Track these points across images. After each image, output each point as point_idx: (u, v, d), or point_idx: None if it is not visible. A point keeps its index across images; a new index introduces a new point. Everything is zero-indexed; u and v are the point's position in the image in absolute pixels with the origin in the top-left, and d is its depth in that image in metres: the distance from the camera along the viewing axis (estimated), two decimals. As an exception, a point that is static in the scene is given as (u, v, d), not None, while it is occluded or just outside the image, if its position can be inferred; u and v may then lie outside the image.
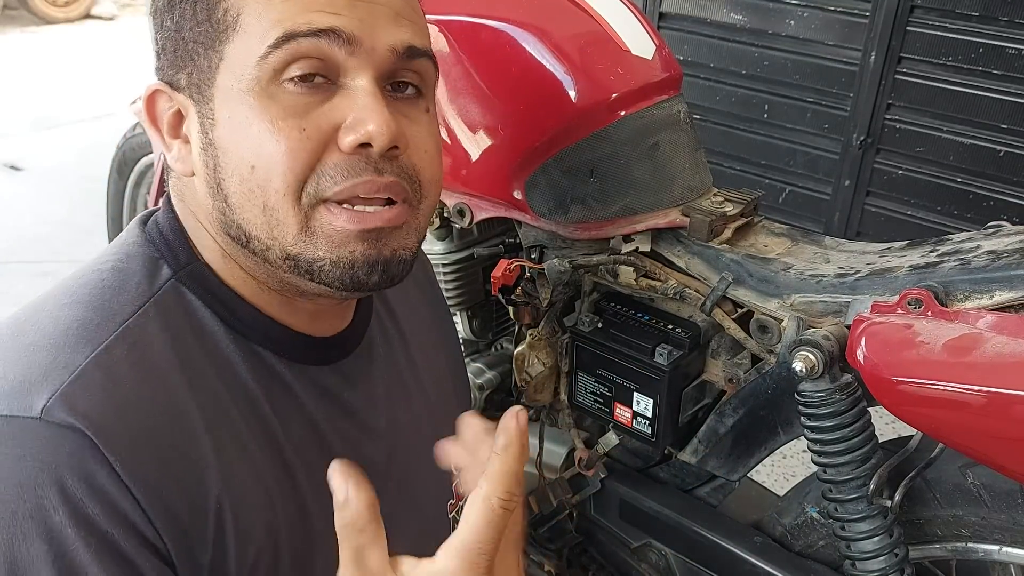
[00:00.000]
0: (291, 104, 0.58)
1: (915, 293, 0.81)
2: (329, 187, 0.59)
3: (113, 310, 0.60)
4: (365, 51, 0.59)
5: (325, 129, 0.59)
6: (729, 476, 1.06)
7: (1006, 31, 2.21)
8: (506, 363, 1.25)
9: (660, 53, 1.09)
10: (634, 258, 1.03)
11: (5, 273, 2.78)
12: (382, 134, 0.58)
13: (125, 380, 0.57)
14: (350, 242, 0.60)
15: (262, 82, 0.58)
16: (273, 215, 0.59)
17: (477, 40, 1.05)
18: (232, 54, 0.59)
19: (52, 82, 5.03)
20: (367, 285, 0.61)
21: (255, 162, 0.58)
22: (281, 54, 0.57)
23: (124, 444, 0.55)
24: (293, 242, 0.60)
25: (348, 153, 0.59)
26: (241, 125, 0.58)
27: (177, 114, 0.63)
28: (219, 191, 0.61)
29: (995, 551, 0.89)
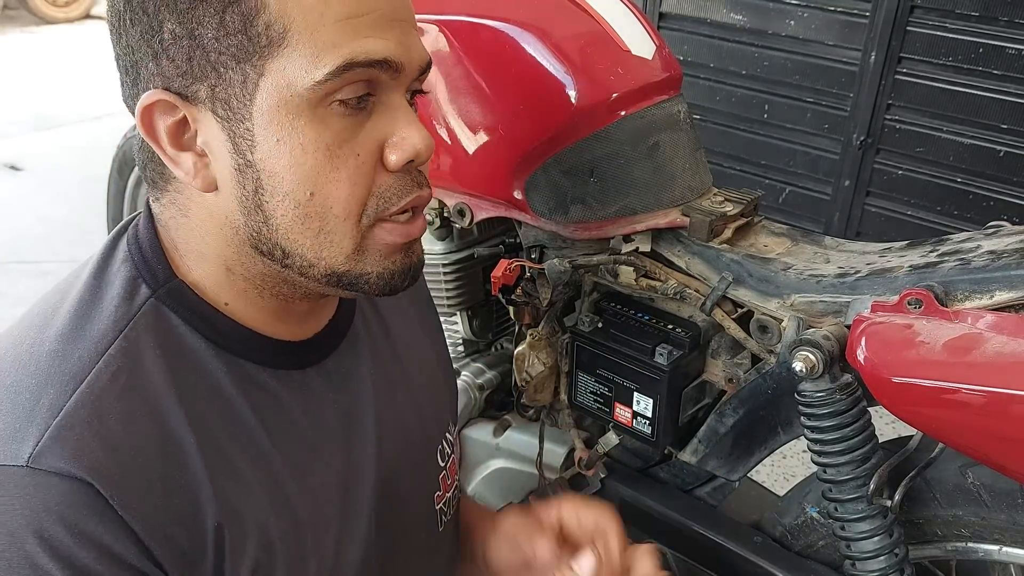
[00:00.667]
0: (342, 128, 0.58)
1: (915, 293, 0.81)
2: (387, 208, 0.61)
3: (93, 338, 0.59)
4: (407, 73, 0.61)
5: (374, 151, 0.60)
6: (729, 476, 1.06)
7: (1006, 31, 2.21)
8: (506, 363, 1.25)
9: (660, 53, 1.09)
10: (634, 258, 1.03)
11: (5, 273, 2.78)
12: (428, 148, 0.61)
13: (112, 413, 0.56)
14: (394, 253, 0.63)
15: (312, 104, 0.57)
16: (328, 237, 0.60)
17: (477, 40, 1.05)
18: (277, 72, 0.56)
19: (52, 82, 5.03)
20: (399, 289, 0.65)
21: (314, 189, 0.58)
22: (339, 81, 0.57)
23: (119, 481, 0.54)
24: (344, 261, 0.61)
25: (395, 171, 0.61)
26: (294, 151, 0.58)
27: (181, 124, 0.59)
28: (258, 211, 0.60)
29: (995, 551, 0.89)
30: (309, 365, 0.70)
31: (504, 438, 1.24)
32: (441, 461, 0.83)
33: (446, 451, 0.84)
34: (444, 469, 0.83)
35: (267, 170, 0.58)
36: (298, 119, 0.57)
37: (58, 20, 6.54)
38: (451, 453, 0.85)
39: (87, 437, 0.55)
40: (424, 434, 0.81)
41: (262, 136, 0.57)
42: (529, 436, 1.22)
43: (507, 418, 1.26)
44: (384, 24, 0.58)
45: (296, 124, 0.57)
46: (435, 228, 1.17)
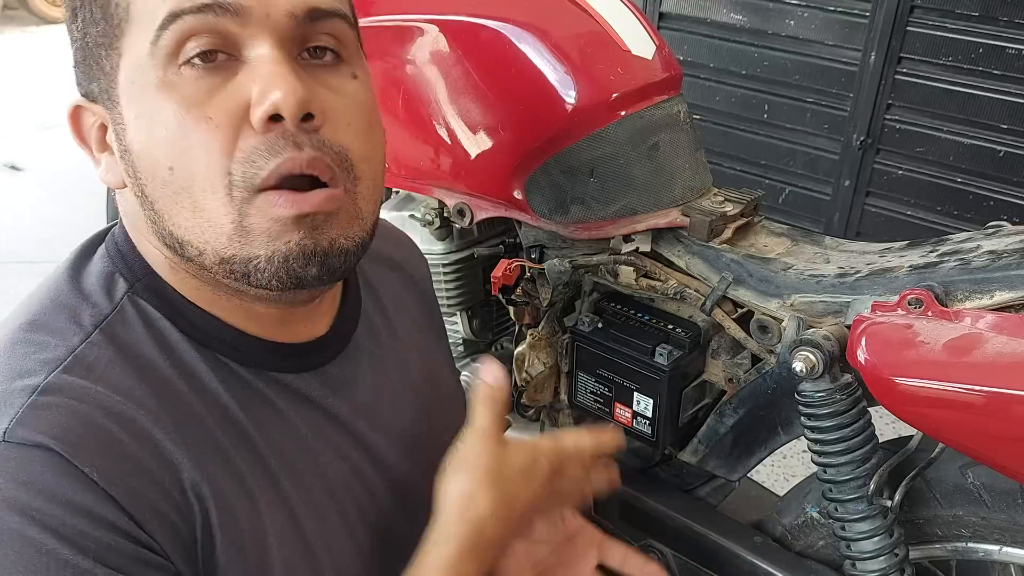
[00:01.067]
0: (192, 91, 0.54)
1: (915, 293, 0.81)
2: (254, 173, 0.55)
3: (72, 331, 0.58)
4: (258, 19, 0.55)
5: (233, 111, 0.54)
6: (729, 476, 1.06)
7: (1006, 31, 2.21)
8: (506, 363, 1.25)
9: (660, 53, 1.09)
10: (634, 258, 1.03)
11: (5, 273, 2.78)
12: (288, 102, 0.53)
13: (88, 397, 0.55)
14: (286, 232, 0.56)
15: (159, 70, 0.54)
16: (203, 215, 0.56)
17: (477, 40, 1.05)
18: (127, 47, 0.56)
19: (52, 82, 5.02)
20: (304, 280, 0.57)
21: (171, 162, 0.55)
22: (170, 35, 0.54)
23: (96, 454, 0.53)
24: (227, 243, 0.56)
25: (263, 132, 0.55)
26: (148, 124, 0.55)
27: (102, 127, 0.60)
28: (145, 199, 0.58)
29: (995, 551, 0.89)
30: (304, 370, 0.68)
31: (504, 438, 1.24)
32: None
33: None
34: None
35: (136, 151, 0.57)
36: (147, 90, 0.55)
37: (58, 20, 6.53)
38: None
39: (62, 413, 0.54)
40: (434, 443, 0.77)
41: (127, 117, 0.57)
42: (529, 436, 1.22)
43: (507, 418, 1.26)
44: None
45: (146, 96, 0.55)
46: (435, 228, 1.17)
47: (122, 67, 0.56)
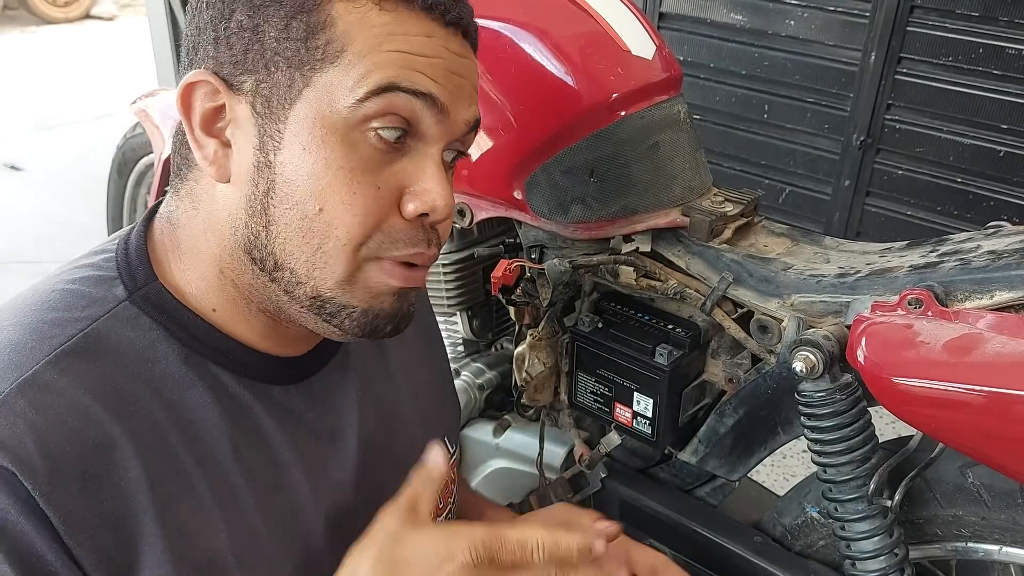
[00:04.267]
0: (370, 157, 0.59)
1: (915, 293, 0.81)
2: (389, 250, 0.61)
3: (52, 334, 0.58)
4: (451, 122, 0.61)
5: (393, 191, 0.60)
6: (729, 476, 1.06)
7: (1006, 31, 2.21)
8: (506, 363, 1.25)
9: (660, 53, 1.09)
10: (634, 258, 1.03)
11: (5, 273, 2.78)
12: (443, 209, 0.61)
13: (51, 406, 0.55)
14: (384, 295, 0.62)
15: (348, 124, 0.58)
16: (323, 258, 0.60)
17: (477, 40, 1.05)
18: (322, 85, 0.58)
19: (52, 82, 5.03)
20: (381, 334, 0.64)
21: (324, 206, 0.58)
22: (378, 102, 0.57)
23: (43, 472, 0.53)
24: (332, 286, 0.61)
25: (408, 219, 0.61)
26: (316, 164, 0.58)
27: (218, 110, 0.60)
28: (262, 214, 0.59)
29: (995, 551, 0.89)
30: (291, 382, 0.68)
31: (504, 438, 1.24)
32: None
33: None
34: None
35: (284, 175, 0.58)
36: (331, 136, 0.58)
37: (58, 20, 6.55)
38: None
39: (18, 424, 0.53)
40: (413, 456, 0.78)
41: (290, 141, 0.58)
42: (529, 436, 1.22)
43: (507, 418, 1.26)
44: (440, 71, 0.59)
45: (327, 140, 0.58)
46: (435, 228, 1.17)
47: (306, 97, 0.58)
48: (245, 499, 0.63)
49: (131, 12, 6.88)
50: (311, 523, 0.68)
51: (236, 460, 0.63)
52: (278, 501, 0.65)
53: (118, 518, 0.56)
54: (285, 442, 0.66)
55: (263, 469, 0.65)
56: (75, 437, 0.55)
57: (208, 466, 0.61)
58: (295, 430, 0.68)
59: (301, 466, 0.67)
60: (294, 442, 0.67)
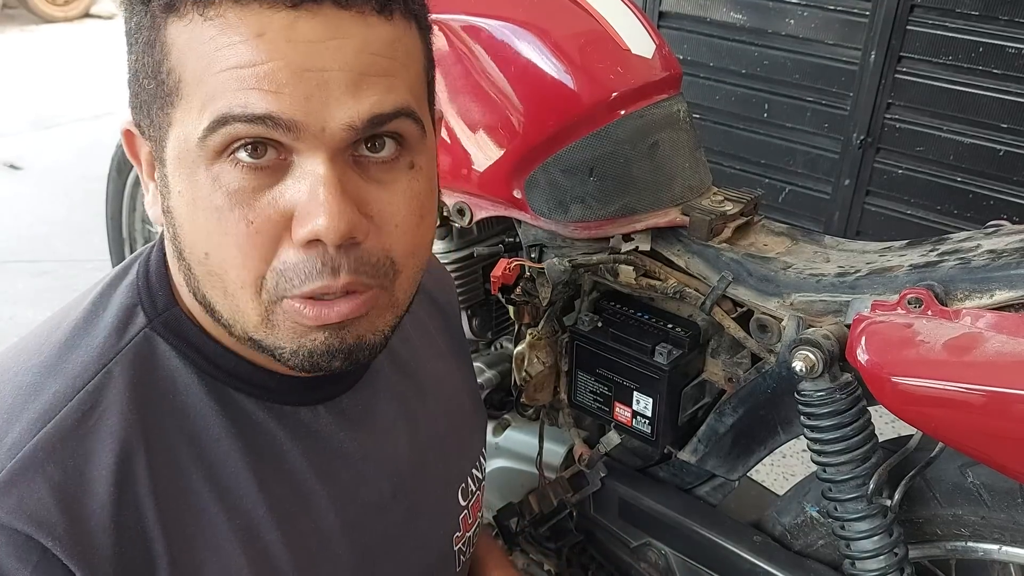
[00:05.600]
0: (237, 188, 0.52)
1: (915, 292, 0.81)
2: (287, 289, 0.54)
3: (75, 374, 0.57)
4: (313, 134, 0.51)
5: (275, 219, 0.52)
6: (729, 475, 1.06)
7: (1006, 30, 2.21)
8: (506, 362, 1.25)
9: (660, 52, 1.09)
10: (634, 257, 1.03)
11: (4, 272, 2.78)
12: (330, 231, 0.51)
13: (71, 457, 0.54)
14: (310, 332, 0.55)
15: (206, 161, 0.52)
16: (233, 301, 0.55)
17: (477, 39, 1.05)
18: (178, 121, 0.53)
19: (51, 81, 5.03)
20: (328, 369, 0.57)
21: (208, 249, 0.54)
22: (217, 138, 0.51)
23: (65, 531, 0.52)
24: (254, 329, 0.56)
25: (302, 249, 0.53)
26: (190, 206, 0.53)
27: (151, 154, 0.58)
28: (182, 258, 0.57)
29: (995, 550, 0.88)
30: (319, 402, 0.66)
31: (504, 437, 1.24)
32: (463, 500, 0.80)
33: (469, 489, 0.81)
34: (466, 508, 0.80)
35: (177, 220, 0.56)
36: (195, 173, 0.53)
37: (57, 19, 6.54)
38: (476, 491, 0.82)
39: (38, 483, 0.53)
40: (445, 474, 0.78)
41: (173, 184, 0.55)
42: (529, 435, 1.22)
43: (507, 417, 1.26)
44: (283, 76, 0.50)
45: (193, 178, 0.53)
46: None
47: (171, 136, 0.54)
48: (269, 532, 0.62)
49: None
50: (338, 549, 0.66)
51: (260, 492, 0.61)
52: (303, 528, 0.64)
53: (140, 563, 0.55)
54: (311, 467, 0.65)
55: (288, 497, 0.63)
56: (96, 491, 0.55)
57: (228, 501, 0.60)
58: (322, 454, 0.66)
59: (327, 491, 0.66)
60: (320, 467, 0.65)
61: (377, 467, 0.70)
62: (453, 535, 0.79)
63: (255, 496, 0.61)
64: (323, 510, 0.65)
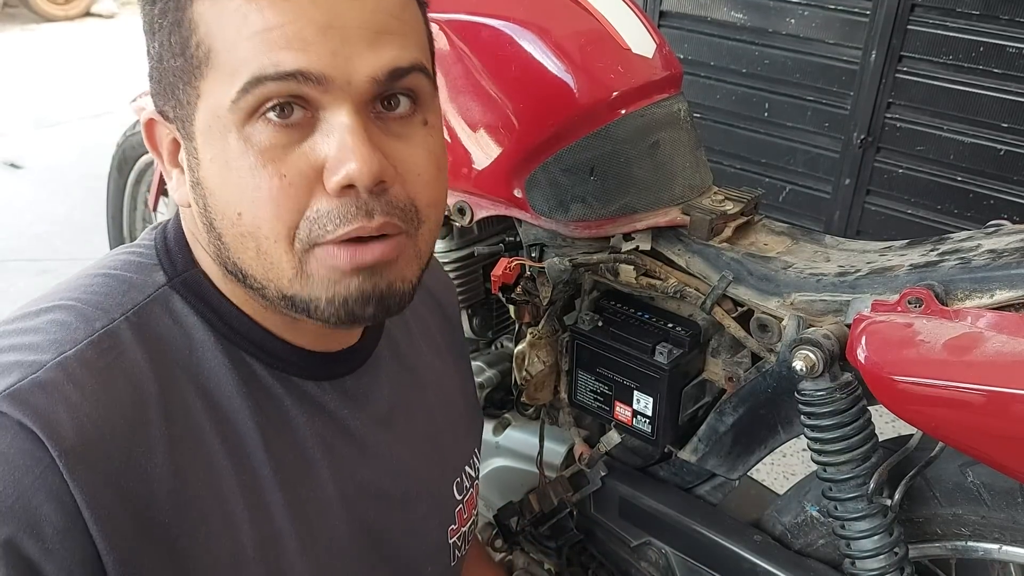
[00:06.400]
0: (268, 145, 0.55)
1: (915, 292, 0.81)
2: (321, 235, 0.57)
3: (94, 316, 0.59)
4: (339, 86, 0.55)
5: (307, 172, 0.56)
6: (729, 475, 1.06)
7: (1007, 30, 2.21)
8: (506, 361, 1.25)
9: (661, 51, 1.09)
10: (634, 257, 1.03)
11: (5, 272, 2.78)
12: (363, 174, 0.55)
13: (86, 383, 0.56)
14: (345, 278, 0.58)
15: (237, 123, 0.55)
16: (267, 259, 0.58)
17: (477, 38, 1.05)
18: (207, 92, 0.56)
19: (52, 80, 5.03)
20: (362, 318, 0.60)
21: (241, 208, 0.56)
22: (250, 99, 0.54)
23: (74, 450, 0.53)
24: (289, 284, 0.58)
25: (336, 196, 0.56)
26: (223, 169, 0.56)
27: (175, 142, 0.61)
28: (212, 229, 0.59)
29: (995, 550, 0.89)
30: (326, 379, 0.68)
31: (504, 436, 1.24)
32: (458, 494, 0.81)
33: (464, 484, 0.82)
34: (461, 503, 0.81)
35: (208, 188, 0.58)
36: (226, 137, 0.56)
37: (58, 18, 6.54)
38: (470, 487, 0.83)
39: (56, 398, 0.54)
40: (441, 467, 0.79)
41: (203, 155, 0.58)
42: (529, 435, 1.22)
43: (507, 416, 1.26)
44: (310, 33, 0.54)
45: (224, 143, 0.56)
46: (435, 226, 1.17)
47: (200, 108, 0.57)
48: (272, 492, 0.63)
49: (131, 10, 6.87)
50: (335, 521, 0.68)
51: (266, 452, 0.63)
52: (304, 495, 0.66)
53: (141, 504, 0.56)
54: (314, 436, 0.67)
55: (291, 462, 0.65)
56: (108, 414, 0.56)
57: (238, 456, 0.62)
58: (325, 426, 0.68)
59: (328, 462, 0.67)
60: (323, 438, 0.67)
61: (375, 449, 0.71)
62: (448, 527, 0.80)
63: (262, 456, 0.63)
64: (323, 480, 0.67)
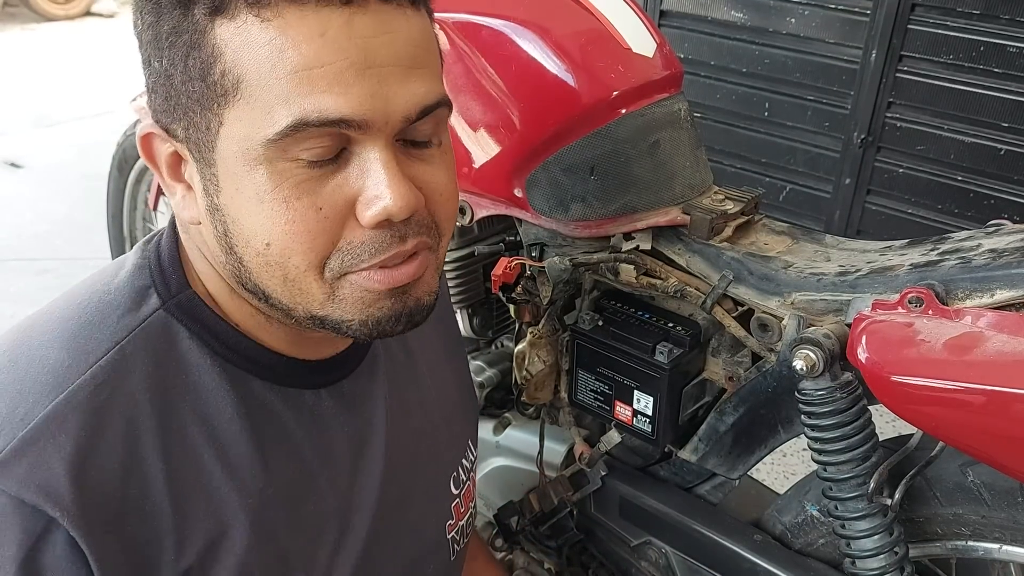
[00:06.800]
0: (304, 180, 0.55)
1: (916, 291, 0.81)
2: (355, 264, 0.57)
3: (88, 349, 0.58)
4: (378, 127, 0.55)
5: (341, 205, 0.56)
6: (729, 474, 1.06)
7: (1007, 29, 2.20)
8: (506, 361, 1.25)
9: (661, 51, 1.09)
10: (635, 256, 1.03)
11: (5, 271, 2.78)
12: (401, 209, 0.56)
13: (82, 430, 0.55)
14: (378, 300, 0.59)
15: (269, 157, 0.54)
16: (295, 286, 0.58)
17: (478, 38, 1.05)
18: (233, 122, 0.54)
19: (52, 79, 5.03)
20: (391, 334, 0.61)
21: (270, 240, 0.56)
22: (290, 141, 0.54)
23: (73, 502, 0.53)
24: (319, 307, 0.59)
25: (371, 228, 0.57)
26: (251, 200, 0.55)
27: (176, 155, 0.59)
28: (232, 252, 0.59)
29: (995, 549, 0.89)
30: (323, 386, 0.68)
31: (504, 436, 1.24)
32: (455, 489, 0.81)
33: (461, 478, 0.82)
34: (458, 497, 0.82)
35: (231, 215, 0.57)
36: (255, 171, 0.55)
37: (58, 17, 6.54)
38: (466, 480, 0.83)
39: (49, 452, 0.54)
40: (437, 461, 0.79)
41: (225, 182, 0.56)
42: (529, 434, 1.22)
43: (507, 416, 1.26)
44: (350, 76, 0.53)
45: (254, 175, 0.55)
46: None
47: (223, 136, 0.55)
48: (276, 512, 0.63)
49: (131, 9, 6.87)
50: (335, 532, 0.68)
51: (267, 472, 0.63)
52: (305, 512, 0.66)
53: (143, 545, 0.56)
54: (313, 449, 0.66)
55: (293, 480, 0.65)
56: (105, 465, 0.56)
57: (240, 480, 0.61)
58: (322, 437, 0.67)
59: (327, 474, 0.67)
60: (321, 450, 0.67)
61: (372, 453, 0.71)
62: (446, 523, 0.80)
63: (264, 476, 0.63)
64: (323, 492, 0.67)
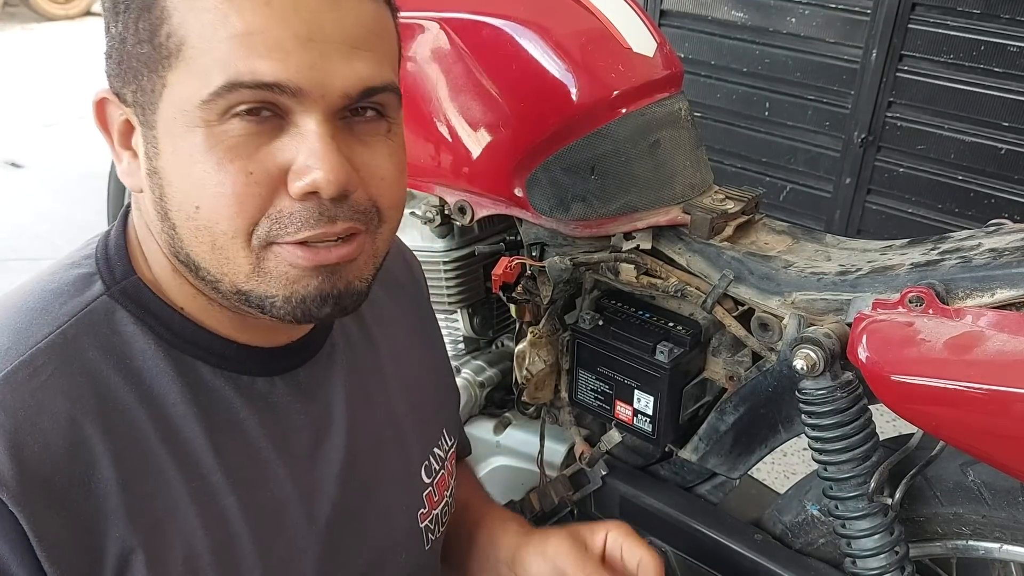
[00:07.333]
0: (237, 143, 0.55)
1: (916, 291, 0.81)
2: (281, 234, 0.57)
3: (29, 333, 0.58)
4: (314, 98, 0.55)
5: (273, 172, 0.56)
6: (730, 474, 1.06)
7: (1007, 29, 2.21)
8: (507, 361, 1.25)
9: (661, 50, 1.09)
10: (635, 256, 1.03)
11: (5, 271, 2.78)
12: (330, 183, 0.55)
13: (23, 408, 0.55)
14: (303, 278, 0.58)
15: (207, 121, 0.55)
16: (222, 253, 0.57)
17: (478, 37, 1.05)
18: (174, 84, 0.55)
19: (53, 79, 5.03)
20: (317, 317, 0.60)
21: (200, 203, 0.56)
22: (223, 102, 0.54)
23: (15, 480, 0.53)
24: (245, 280, 0.58)
25: (299, 200, 0.56)
26: (185, 162, 0.56)
27: (127, 123, 0.60)
28: (166, 218, 0.58)
29: (996, 549, 0.89)
30: (277, 373, 0.68)
31: (505, 435, 1.24)
32: (427, 477, 0.80)
33: (433, 467, 0.82)
34: (430, 486, 0.81)
35: (166, 179, 0.57)
36: (192, 132, 0.55)
37: (58, 17, 6.54)
38: (440, 469, 0.83)
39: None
40: (404, 450, 0.78)
41: (164, 145, 0.57)
42: (530, 434, 1.22)
43: (507, 415, 1.26)
44: (290, 44, 0.54)
45: (190, 137, 0.55)
46: (436, 225, 1.17)
47: (165, 98, 0.56)
48: (225, 497, 0.63)
49: None
50: (294, 519, 0.67)
51: (216, 457, 0.62)
52: (260, 498, 0.65)
53: (92, 522, 0.56)
54: (267, 437, 0.66)
55: (245, 466, 0.64)
56: (47, 441, 0.55)
57: (186, 464, 0.61)
58: (278, 424, 0.67)
59: (284, 461, 0.67)
60: (277, 437, 0.67)
61: (331, 441, 0.71)
62: (417, 512, 0.79)
63: (212, 462, 0.62)
64: (280, 479, 0.66)
